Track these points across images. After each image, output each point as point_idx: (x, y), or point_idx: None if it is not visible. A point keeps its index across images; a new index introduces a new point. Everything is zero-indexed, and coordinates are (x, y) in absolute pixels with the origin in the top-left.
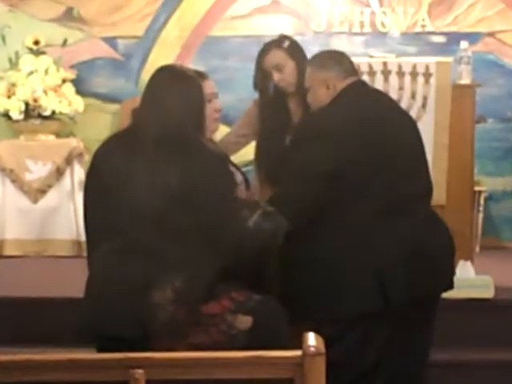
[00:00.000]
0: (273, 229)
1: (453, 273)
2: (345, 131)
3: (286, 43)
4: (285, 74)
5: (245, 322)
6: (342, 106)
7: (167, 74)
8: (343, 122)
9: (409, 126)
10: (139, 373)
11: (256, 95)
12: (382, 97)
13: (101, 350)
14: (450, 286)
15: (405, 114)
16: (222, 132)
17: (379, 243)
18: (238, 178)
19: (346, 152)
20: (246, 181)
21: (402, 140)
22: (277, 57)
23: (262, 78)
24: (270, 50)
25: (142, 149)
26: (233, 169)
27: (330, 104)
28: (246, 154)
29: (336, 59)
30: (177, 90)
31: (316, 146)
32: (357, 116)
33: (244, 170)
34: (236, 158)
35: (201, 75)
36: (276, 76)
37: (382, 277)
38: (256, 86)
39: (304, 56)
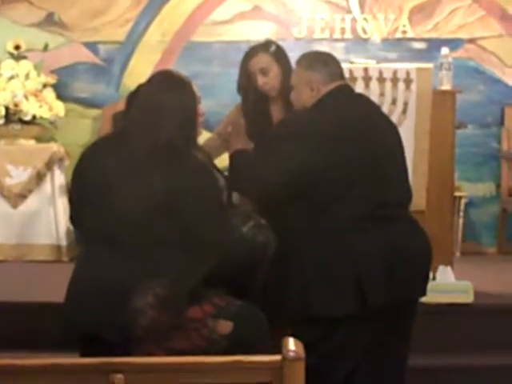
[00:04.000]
0: (265, 242)
1: (428, 279)
2: (325, 134)
3: (273, 48)
4: (269, 78)
5: (225, 327)
6: (323, 109)
7: (164, 80)
8: (324, 124)
9: (391, 131)
10: (119, 378)
11: (238, 100)
12: (366, 101)
13: (83, 354)
14: (424, 292)
15: (387, 120)
16: (203, 137)
17: (359, 247)
18: (221, 182)
19: (324, 155)
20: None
21: (383, 145)
22: (263, 60)
23: (246, 80)
24: (256, 53)
25: (130, 155)
26: (217, 174)
27: (313, 106)
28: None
29: (324, 62)
30: (173, 97)
31: (294, 144)
32: (338, 120)
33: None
34: (217, 163)
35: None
36: (260, 79)
37: (361, 280)
38: (239, 89)
39: (288, 61)
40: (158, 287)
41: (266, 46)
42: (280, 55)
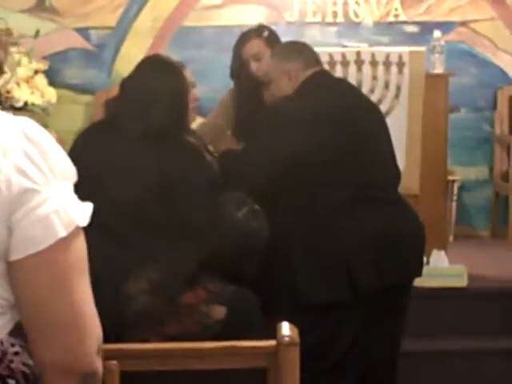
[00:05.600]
0: (259, 227)
1: (422, 261)
2: (307, 120)
3: (266, 33)
4: (262, 64)
5: (219, 312)
6: (304, 95)
7: (154, 65)
8: (306, 110)
9: (373, 114)
10: (113, 364)
11: (230, 85)
12: (347, 85)
13: None
14: (418, 274)
15: (369, 103)
16: (196, 122)
17: (346, 231)
18: (215, 166)
19: (308, 140)
20: None
21: (366, 127)
22: (256, 46)
23: (239, 66)
24: (249, 38)
25: (121, 140)
26: (210, 158)
27: (294, 93)
28: None
29: (298, 50)
30: (163, 82)
31: (276, 132)
32: (319, 105)
33: None
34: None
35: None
36: (254, 65)
37: (351, 265)
38: (232, 74)
39: None
40: (151, 272)
41: (258, 31)
42: (273, 40)
